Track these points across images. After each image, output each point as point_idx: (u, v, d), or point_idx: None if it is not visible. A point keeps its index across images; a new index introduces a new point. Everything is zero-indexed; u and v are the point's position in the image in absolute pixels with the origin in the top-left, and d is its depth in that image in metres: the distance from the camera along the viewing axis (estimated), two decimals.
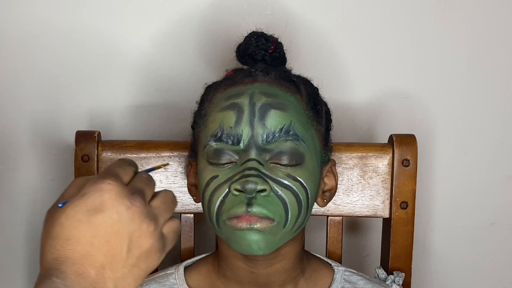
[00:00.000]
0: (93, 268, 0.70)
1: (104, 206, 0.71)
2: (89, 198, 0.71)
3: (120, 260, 0.71)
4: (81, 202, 0.71)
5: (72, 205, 0.71)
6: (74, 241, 0.70)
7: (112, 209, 0.71)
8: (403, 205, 1.13)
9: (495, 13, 1.29)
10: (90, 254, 0.70)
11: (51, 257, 0.71)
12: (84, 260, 0.70)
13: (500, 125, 1.33)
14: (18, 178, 1.31)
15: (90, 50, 1.27)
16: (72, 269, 0.70)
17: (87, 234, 0.70)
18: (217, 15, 1.27)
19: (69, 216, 0.71)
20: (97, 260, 0.70)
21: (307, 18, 1.27)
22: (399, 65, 1.30)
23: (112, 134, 1.27)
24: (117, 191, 0.71)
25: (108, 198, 0.71)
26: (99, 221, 0.70)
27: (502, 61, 1.31)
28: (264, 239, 0.91)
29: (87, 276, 0.70)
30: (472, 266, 1.37)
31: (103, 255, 0.70)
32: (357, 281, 1.05)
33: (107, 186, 0.71)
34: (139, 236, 0.72)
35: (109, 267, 0.71)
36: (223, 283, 1.01)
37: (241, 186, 0.89)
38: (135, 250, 0.72)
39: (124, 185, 0.73)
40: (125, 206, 0.71)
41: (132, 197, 0.72)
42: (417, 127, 1.29)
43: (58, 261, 0.70)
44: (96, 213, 0.70)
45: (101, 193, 0.71)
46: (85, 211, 0.71)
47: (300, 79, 1.02)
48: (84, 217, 0.70)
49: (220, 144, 0.93)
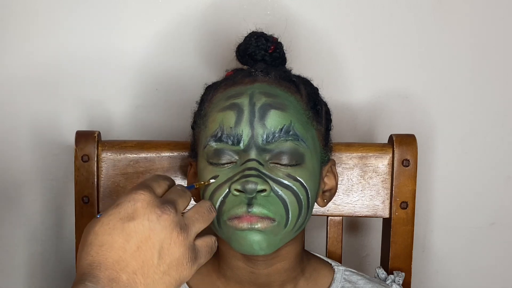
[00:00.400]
0: (125, 273, 0.74)
1: (136, 214, 0.76)
2: (122, 207, 0.77)
3: (151, 266, 0.76)
4: (115, 211, 0.77)
5: (106, 214, 0.77)
6: (107, 247, 0.75)
7: (144, 217, 0.76)
8: (403, 205, 1.13)
9: (495, 13, 1.29)
10: (122, 259, 0.75)
11: (85, 263, 0.75)
12: (116, 266, 0.74)
13: (500, 125, 1.33)
14: (18, 178, 1.31)
15: (90, 50, 1.27)
16: (105, 274, 0.74)
17: (120, 240, 0.75)
18: (217, 15, 1.27)
19: (103, 223, 0.76)
20: (129, 266, 0.75)
21: (307, 18, 1.27)
22: (399, 65, 1.30)
23: (112, 134, 1.27)
24: (148, 201, 0.77)
25: (140, 206, 0.77)
26: (131, 228, 0.76)
27: (502, 61, 1.31)
28: (266, 239, 0.90)
29: (119, 281, 0.74)
30: (472, 266, 1.37)
31: (134, 260, 0.75)
32: (357, 280, 1.04)
33: (140, 196, 0.77)
34: (169, 244, 0.77)
35: (140, 272, 0.75)
36: (223, 283, 1.01)
37: (241, 186, 0.89)
38: (166, 257, 0.76)
39: (156, 196, 0.79)
40: (156, 214, 0.77)
41: (163, 207, 0.77)
42: (417, 127, 1.29)
43: (92, 267, 0.74)
44: (128, 220, 0.76)
45: (133, 202, 0.77)
46: (119, 219, 0.76)
47: (300, 79, 1.02)
48: (117, 224, 0.76)
49: (220, 144, 0.93)
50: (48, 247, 1.33)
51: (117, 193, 1.13)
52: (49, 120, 1.29)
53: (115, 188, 1.13)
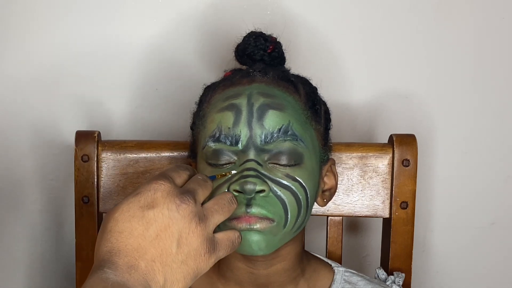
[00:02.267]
0: (144, 261, 0.75)
1: (155, 202, 0.77)
2: (142, 196, 0.77)
3: (170, 254, 0.76)
4: (135, 199, 0.77)
5: (126, 202, 0.77)
6: (127, 233, 0.75)
7: (163, 206, 0.77)
8: (403, 205, 1.13)
9: (495, 13, 1.29)
10: (141, 247, 0.75)
11: (104, 249, 0.76)
12: (135, 253, 0.75)
13: (500, 125, 1.33)
14: (18, 178, 1.31)
15: (90, 50, 1.28)
16: (124, 260, 0.74)
17: (139, 228, 0.76)
18: (216, 16, 1.27)
19: (123, 211, 0.77)
20: (147, 253, 0.75)
21: (306, 18, 1.27)
22: (399, 65, 1.30)
23: (112, 134, 1.27)
24: (168, 190, 0.78)
25: (160, 196, 0.77)
26: (150, 216, 0.76)
27: (502, 61, 1.31)
28: (265, 240, 0.90)
29: (137, 268, 0.74)
30: (472, 266, 1.37)
31: (153, 248, 0.75)
32: (357, 281, 1.04)
33: (160, 186, 0.78)
34: (188, 233, 0.77)
35: (159, 260, 0.75)
36: (223, 283, 1.01)
37: (240, 187, 0.89)
38: (184, 247, 0.77)
39: (176, 186, 0.79)
40: (175, 204, 0.77)
41: (182, 196, 0.78)
42: (417, 127, 1.29)
43: (111, 253, 0.75)
44: (148, 209, 0.76)
45: (154, 191, 0.77)
46: (139, 207, 0.77)
47: (298, 78, 1.02)
48: (137, 212, 0.76)
49: (219, 145, 0.93)
50: (48, 247, 1.33)
51: (117, 193, 1.13)
52: (49, 120, 1.29)
53: (115, 188, 1.13)
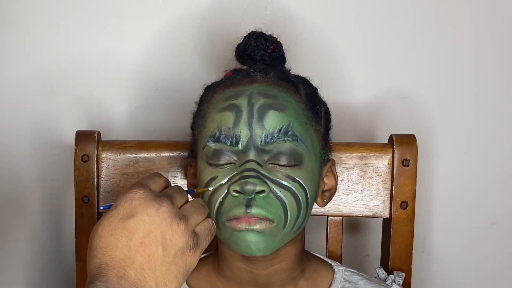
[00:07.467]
0: (133, 270, 0.76)
1: (134, 211, 0.78)
2: (120, 208, 0.78)
3: (157, 259, 0.77)
4: (114, 212, 0.78)
5: (107, 217, 0.79)
6: (112, 247, 0.77)
7: (143, 213, 0.78)
8: (403, 205, 1.13)
9: (495, 13, 1.29)
10: (128, 257, 0.77)
11: (93, 265, 0.77)
12: (123, 263, 0.76)
13: (500, 125, 1.33)
14: (19, 178, 1.31)
15: (91, 50, 1.28)
16: (113, 272, 0.76)
17: (123, 239, 0.77)
18: (216, 16, 1.27)
19: (105, 226, 0.78)
20: (135, 262, 0.77)
21: (307, 17, 1.27)
22: (399, 65, 1.30)
23: (112, 134, 1.27)
24: (145, 197, 0.79)
25: (137, 204, 0.78)
26: (131, 225, 0.77)
27: (502, 61, 1.31)
28: (264, 240, 0.90)
29: (127, 278, 0.76)
30: (472, 266, 1.37)
31: (140, 256, 0.77)
32: (357, 281, 1.04)
33: (135, 195, 0.79)
34: (171, 235, 0.78)
35: (147, 267, 0.77)
36: (223, 283, 1.01)
37: (240, 187, 0.89)
38: (170, 248, 0.78)
39: (152, 191, 0.80)
40: (154, 208, 0.78)
41: (160, 200, 0.79)
42: (417, 127, 1.29)
43: (100, 268, 0.76)
44: (128, 219, 0.78)
45: (130, 201, 0.79)
46: (119, 219, 0.78)
47: (299, 79, 1.02)
48: (118, 225, 0.77)
49: (219, 145, 0.93)
50: (48, 247, 1.33)
51: (117, 193, 1.13)
52: (49, 120, 1.29)
53: (115, 188, 1.13)
